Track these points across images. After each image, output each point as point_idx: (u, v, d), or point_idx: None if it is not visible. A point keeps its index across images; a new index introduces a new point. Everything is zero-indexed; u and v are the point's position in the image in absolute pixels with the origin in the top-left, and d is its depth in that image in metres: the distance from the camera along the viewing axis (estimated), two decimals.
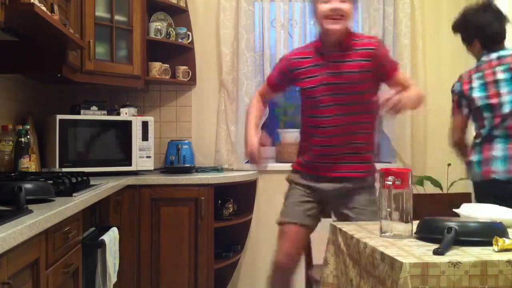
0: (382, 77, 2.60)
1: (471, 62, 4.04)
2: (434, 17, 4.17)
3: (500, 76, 2.89)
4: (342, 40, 2.55)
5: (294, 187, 2.72)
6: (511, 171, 2.78)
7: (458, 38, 4.17)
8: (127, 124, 3.51)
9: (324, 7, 2.49)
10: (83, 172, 2.71)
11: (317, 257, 3.08)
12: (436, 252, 1.74)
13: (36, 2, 2.18)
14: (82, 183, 2.51)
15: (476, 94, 2.97)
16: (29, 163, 2.91)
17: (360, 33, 3.36)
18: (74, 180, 2.42)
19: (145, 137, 3.51)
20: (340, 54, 2.55)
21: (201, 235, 3.41)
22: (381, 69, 2.57)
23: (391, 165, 3.71)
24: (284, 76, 2.70)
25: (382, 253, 1.80)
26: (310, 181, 2.66)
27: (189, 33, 3.95)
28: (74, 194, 2.20)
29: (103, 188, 2.62)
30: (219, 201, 3.68)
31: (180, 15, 4.00)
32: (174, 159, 3.66)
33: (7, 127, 2.92)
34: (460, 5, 4.16)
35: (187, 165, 3.69)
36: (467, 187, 4.03)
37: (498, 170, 2.80)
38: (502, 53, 2.96)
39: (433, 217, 2.07)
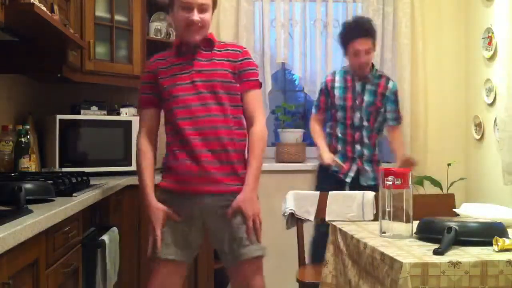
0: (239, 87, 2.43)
1: (471, 62, 4.06)
2: (434, 17, 4.17)
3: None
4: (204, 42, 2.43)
5: None
6: None
7: (457, 38, 4.18)
8: (127, 124, 3.51)
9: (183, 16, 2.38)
10: (83, 172, 2.71)
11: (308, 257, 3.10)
12: (436, 252, 1.74)
13: (36, 2, 2.18)
14: (82, 183, 2.51)
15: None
16: (29, 163, 2.91)
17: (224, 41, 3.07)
18: (74, 180, 2.42)
19: None
20: (204, 53, 2.42)
21: None
22: (240, 76, 2.42)
23: (391, 165, 3.71)
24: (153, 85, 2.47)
25: (382, 253, 1.80)
26: None
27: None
28: (74, 194, 2.20)
29: (103, 188, 2.62)
30: None
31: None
32: None
33: (7, 127, 2.92)
34: (460, 5, 4.18)
35: None
36: (467, 187, 4.05)
37: None
38: None
39: (433, 217, 2.07)
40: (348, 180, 3.50)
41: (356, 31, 3.42)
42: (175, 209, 2.39)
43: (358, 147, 3.50)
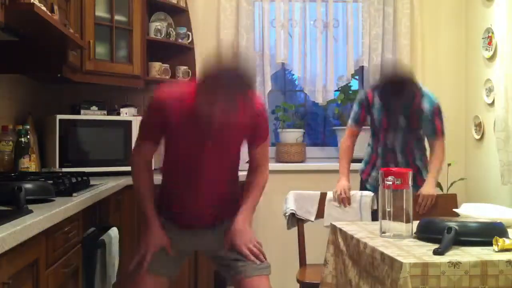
0: (250, 140, 2.37)
1: (471, 62, 4.06)
2: (433, 17, 4.18)
3: None
4: None
5: None
6: None
7: (457, 38, 4.18)
8: (127, 124, 3.51)
9: None
10: (83, 172, 2.71)
11: (311, 257, 3.10)
12: (436, 252, 1.74)
13: (36, 2, 2.18)
14: (82, 183, 2.51)
15: None
16: (29, 163, 2.91)
17: None
18: (74, 180, 2.42)
19: None
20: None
21: None
22: (254, 130, 2.33)
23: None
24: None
25: (382, 253, 1.80)
26: None
27: (189, 33, 3.95)
28: (74, 194, 2.20)
29: (103, 188, 2.62)
30: None
31: (180, 15, 3.99)
32: None
33: (7, 127, 2.92)
34: (460, 5, 4.18)
35: None
36: (467, 187, 4.05)
37: None
38: None
39: (433, 217, 2.07)
40: None
41: (391, 91, 3.08)
42: (170, 235, 2.34)
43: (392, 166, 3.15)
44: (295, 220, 3.02)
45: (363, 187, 3.31)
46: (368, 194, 3.03)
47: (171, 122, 2.21)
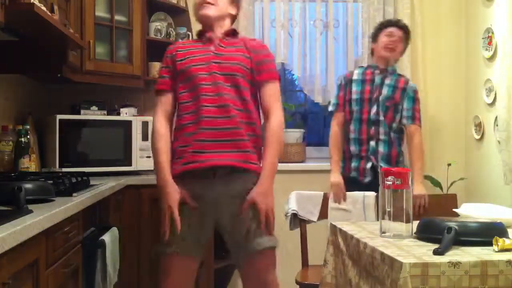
0: (255, 76, 2.46)
1: (471, 62, 4.06)
2: (434, 17, 4.17)
3: None
4: (219, 32, 2.49)
5: None
6: None
7: (457, 38, 4.18)
8: (127, 124, 3.51)
9: None
10: (83, 172, 2.71)
11: (312, 258, 3.10)
12: (436, 252, 1.74)
13: (36, 2, 2.18)
14: (82, 183, 2.51)
15: None
16: (29, 163, 2.91)
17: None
18: (74, 180, 2.42)
19: (145, 137, 3.51)
20: (223, 41, 2.48)
21: None
22: (258, 67, 2.46)
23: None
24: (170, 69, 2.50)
25: (382, 253, 1.80)
26: None
27: (189, 33, 3.94)
28: (74, 194, 2.20)
29: (103, 188, 2.62)
30: None
31: (180, 15, 4.00)
32: None
33: (7, 127, 2.92)
34: (460, 5, 4.18)
35: None
36: (467, 187, 4.05)
37: None
38: None
39: (433, 217, 2.07)
40: (366, 180, 3.28)
41: (388, 22, 3.48)
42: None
43: (372, 143, 3.29)
44: (297, 221, 3.01)
45: (350, 182, 3.34)
46: (371, 194, 3.03)
47: (177, 60, 2.43)
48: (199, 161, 2.33)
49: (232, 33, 2.52)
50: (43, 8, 2.27)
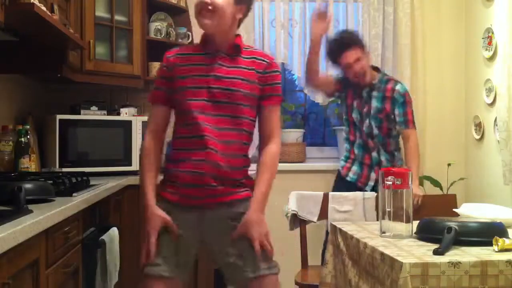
0: (259, 99, 2.22)
1: (471, 62, 4.06)
2: (434, 17, 4.18)
3: None
4: (224, 41, 2.21)
5: None
6: None
7: (457, 38, 4.18)
8: (127, 124, 3.51)
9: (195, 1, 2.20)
10: (83, 172, 2.71)
11: (312, 258, 3.10)
12: (436, 252, 1.74)
13: (36, 2, 2.18)
14: (82, 183, 2.51)
15: None
16: (29, 163, 2.91)
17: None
18: (74, 180, 2.42)
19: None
20: (225, 57, 2.20)
21: None
22: (264, 90, 2.21)
23: None
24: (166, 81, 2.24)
25: (382, 253, 1.80)
26: None
27: (189, 33, 3.95)
28: (74, 194, 2.20)
29: (103, 188, 2.62)
30: None
31: (180, 15, 4.00)
32: None
33: (7, 127, 2.92)
34: (460, 5, 4.18)
35: None
36: (467, 187, 4.05)
37: None
38: None
39: (433, 217, 2.07)
40: (368, 189, 3.31)
41: (338, 46, 3.35)
42: (173, 221, 2.16)
43: (375, 154, 3.33)
44: (297, 221, 3.01)
45: (341, 183, 3.38)
46: (371, 196, 3.02)
47: (176, 75, 2.18)
48: (186, 196, 2.16)
49: (236, 49, 2.22)
50: (43, 8, 2.27)
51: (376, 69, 3.48)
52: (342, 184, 3.40)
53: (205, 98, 2.14)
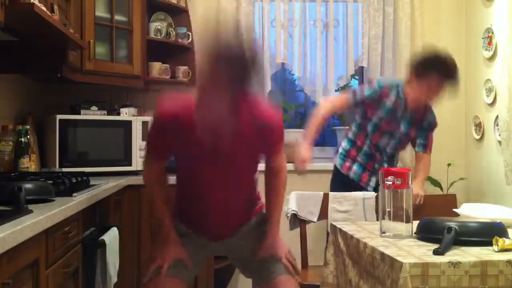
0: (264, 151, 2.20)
1: (471, 62, 4.06)
2: (434, 17, 4.17)
3: None
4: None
5: None
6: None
7: (457, 38, 4.18)
8: (127, 124, 3.51)
9: None
10: (83, 172, 2.71)
11: (312, 258, 3.10)
12: (436, 252, 1.74)
13: (36, 2, 2.18)
14: (82, 183, 2.51)
15: None
16: (29, 163, 2.91)
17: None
18: (74, 180, 2.42)
19: (145, 137, 3.50)
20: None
21: None
22: (267, 144, 2.17)
23: None
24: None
25: (382, 253, 1.80)
26: None
27: (189, 33, 3.95)
28: (74, 194, 2.20)
29: (103, 188, 2.62)
30: None
31: (180, 15, 3.99)
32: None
33: (7, 127, 2.92)
34: (460, 5, 4.18)
35: None
36: (467, 187, 4.05)
37: None
38: None
39: (433, 217, 2.07)
40: (369, 189, 3.22)
41: (451, 72, 3.05)
42: (189, 245, 2.21)
43: (377, 165, 3.21)
44: (297, 221, 3.01)
45: (340, 180, 3.31)
46: (371, 196, 3.02)
47: (174, 138, 2.06)
48: (202, 226, 2.22)
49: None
50: (43, 8, 2.27)
51: None
52: (341, 181, 3.30)
53: (203, 154, 2.06)
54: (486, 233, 1.88)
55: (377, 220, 2.85)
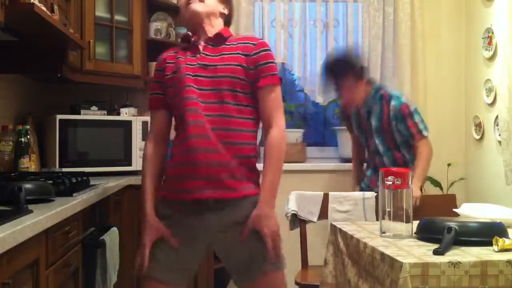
0: (253, 83, 2.12)
1: (471, 62, 4.06)
2: (434, 17, 4.18)
3: None
4: (208, 32, 2.20)
5: None
6: None
7: (457, 38, 4.18)
8: (127, 124, 3.51)
9: None
10: (83, 172, 2.71)
11: (312, 258, 3.09)
12: (436, 252, 1.74)
13: (36, 2, 2.18)
14: (82, 183, 2.51)
15: None
16: (29, 163, 2.91)
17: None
18: (74, 180, 2.42)
19: (145, 137, 3.48)
20: (212, 46, 2.17)
21: None
22: (256, 72, 2.12)
23: None
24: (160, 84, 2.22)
25: (382, 253, 1.80)
26: None
27: (189, 33, 3.94)
28: (74, 194, 2.20)
29: (103, 188, 2.62)
30: None
31: (180, 15, 3.99)
32: None
33: (7, 127, 2.92)
34: (460, 5, 4.18)
35: None
36: (467, 187, 4.05)
37: None
38: None
39: (433, 217, 2.07)
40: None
41: (328, 74, 3.30)
42: (175, 228, 2.09)
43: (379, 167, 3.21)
44: (297, 221, 3.01)
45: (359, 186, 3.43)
46: (371, 196, 3.02)
47: (168, 74, 2.16)
48: (183, 190, 2.07)
49: (220, 37, 2.18)
50: (43, 8, 2.27)
51: (368, 82, 3.30)
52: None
53: (194, 86, 2.08)
54: (486, 233, 1.88)
55: (377, 220, 2.86)
